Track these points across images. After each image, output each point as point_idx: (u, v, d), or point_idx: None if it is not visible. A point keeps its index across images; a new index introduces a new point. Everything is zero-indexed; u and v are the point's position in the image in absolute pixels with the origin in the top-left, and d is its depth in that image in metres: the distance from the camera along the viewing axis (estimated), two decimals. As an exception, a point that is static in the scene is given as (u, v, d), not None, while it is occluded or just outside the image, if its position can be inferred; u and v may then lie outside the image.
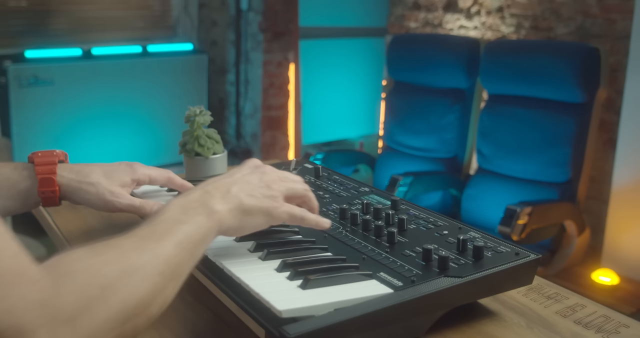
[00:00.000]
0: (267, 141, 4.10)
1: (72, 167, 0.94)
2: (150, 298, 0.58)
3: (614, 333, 0.76)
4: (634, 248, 2.71)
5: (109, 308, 0.53)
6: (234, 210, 0.71)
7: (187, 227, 0.65)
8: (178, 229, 0.64)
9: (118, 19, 3.85)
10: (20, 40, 3.50)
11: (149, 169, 0.99)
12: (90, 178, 0.93)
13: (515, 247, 0.79)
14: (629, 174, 2.70)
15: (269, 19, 3.93)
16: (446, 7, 3.51)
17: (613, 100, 2.81)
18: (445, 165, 2.94)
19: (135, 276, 0.57)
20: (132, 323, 0.55)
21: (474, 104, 2.88)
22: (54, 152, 0.94)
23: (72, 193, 0.92)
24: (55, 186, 0.91)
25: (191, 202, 0.69)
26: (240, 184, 0.75)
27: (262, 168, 0.80)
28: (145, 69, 3.73)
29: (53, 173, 0.91)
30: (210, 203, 0.70)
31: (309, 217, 0.78)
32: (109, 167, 0.96)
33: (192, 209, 0.68)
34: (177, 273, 0.62)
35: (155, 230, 0.63)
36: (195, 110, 1.21)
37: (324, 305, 0.65)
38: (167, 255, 0.61)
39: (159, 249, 0.61)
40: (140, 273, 0.57)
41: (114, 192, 0.92)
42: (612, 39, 2.83)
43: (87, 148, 3.48)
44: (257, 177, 0.77)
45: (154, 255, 0.60)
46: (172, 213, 0.67)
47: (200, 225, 0.67)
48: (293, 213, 0.76)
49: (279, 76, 4.05)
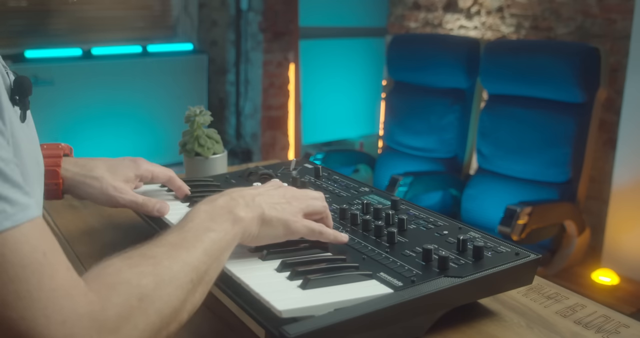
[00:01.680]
0: (267, 141, 4.10)
1: (76, 161, 0.94)
2: (182, 305, 0.60)
3: (614, 333, 0.76)
4: (634, 248, 2.71)
5: (148, 318, 0.56)
6: (256, 218, 0.74)
7: (214, 234, 0.68)
8: (207, 236, 0.67)
9: (118, 19, 3.85)
10: (20, 40, 3.50)
11: (153, 165, 0.99)
12: (94, 173, 0.93)
13: (515, 247, 0.79)
14: (629, 174, 2.70)
15: (269, 19, 3.93)
16: (446, 7, 3.51)
17: (613, 100, 2.81)
18: (445, 165, 2.94)
19: (170, 286, 0.59)
20: (166, 331, 0.59)
21: (474, 104, 2.88)
22: (60, 145, 0.95)
23: (76, 187, 0.93)
24: (59, 179, 0.91)
25: (218, 208, 0.72)
26: (264, 196, 0.78)
27: (285, 188, 0.83)
28: (145, 69, 3.73)
29: (57, 166, 0.91)
30: (235, 210, 0.72)
31: (327, 232, 0.80)
32: (113, 162, 0.96)
33: (219, 216, 0.71)
34: (206, 279, 0.65)
35: (185, 237, 0.66)
36: (195, 110, 1.21)
37: (324, 305, 0.65)
38: (197, 263, 0.63)
39: (190, 257, 0.63)
40: (174, 282, 0.60)
41: (117, 187, 0.92)
42: (612, 39, 2.83)
43: (87, 148, 3.48)
44: (279, 192, 0.80)
45: (185, 264, 0.62)
46: (201, 220, 0.69)
47: (226, 232, 0.70)
48: (312, 227, 0.79)
49: (279, 76, 4.05)
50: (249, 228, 0.73)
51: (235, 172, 1.15)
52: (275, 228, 0.76)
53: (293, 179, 1.07)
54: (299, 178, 1.07)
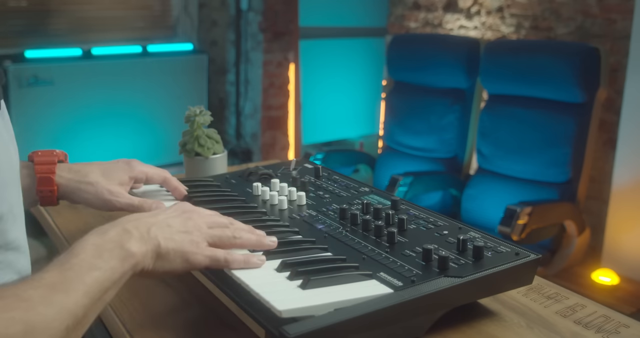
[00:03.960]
0: (267, 141, 4.10)
1: (70, 166, 0.94)
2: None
3: (614, 333, 0.76)
4: (634, 248, 2.71)
5: None
6: (151, 252, 0.69)
7: (99, 273, 0.62)
8: (90, 276, 0.61)
9: (118, 19, 3.85)
10: (20, 40, 3.50)
11: (147, 166, 0.99)
12: (88, 178, 0.93)
13: (515, 247, 0.79)
14: (629, 174, 2.70)
15: (269, 19, 3.93)
16: (446, 7, 3.51)
17: (613, 100, 2.81)
18: (445, 165, 2.94)
19: (41, 335, 0.54)
20: None
21: (474, 104, 2.88)
22: (54, 151, 0.94)
23: (71, 193, 0.93)
24: (53, 185, 0.91)
25: (108, 242, 0.66)
26: (162, 226, 0.72)
27: (190, 213, 0.77)
28: (145, 69, 3.73)
29: (52, 172, 0.91)
30: (127, 244, 0.66)
31: (234, 260, 0.73)
32: (107, 165, 0.96)
33: (108, 251, 0.65)
34: (83, 323, 0.60)
35: (66, 277, 0.60)
36: (195, 110, 1.21)
37: (324, 305, 0.65)
38: (75, 308, 0.58)
39: (68, 302, 0.58)
40: (47, 331, 0.55)
41: (112, 191, 0.92)
42: (612, 39, 2.83)
43: (87, 148, 3.48)
44: (180, 220, 0.74)
45: (62, 309, 0.57)
46: (87, 256, 0.63)
47: (114, 271, 0.64)
48: (216, 256, 0.73)
49: (279, 76, 4.05)
50: (141, 263, 0.67)
51: (235, 172, 1.15)
52: (172, 262, 0.70)
53: (293, 179, 1.07)
54: (299, 178, 1.07)
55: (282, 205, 0.98)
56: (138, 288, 0.85)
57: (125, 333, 0.76)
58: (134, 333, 0.75)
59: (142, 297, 0.84)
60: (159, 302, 0.83)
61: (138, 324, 0.78)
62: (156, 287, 0.87)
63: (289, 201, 1.00)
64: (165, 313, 0.80)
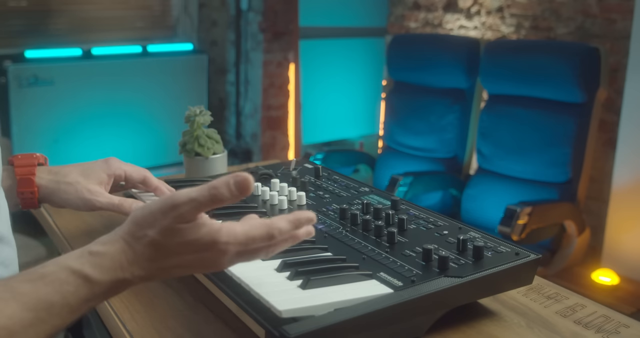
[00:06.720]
0: (267, 141, 4.10)
1: (50, 169, 0.95)
2: None
3: (614, 333, 0.76)
4: (634, 248, 2.71)
5: None
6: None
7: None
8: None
9: (118, 19, 3.85)
10: (20, 40, 3.50)
11: (125, 164, 0.99)
12: (68, 178, 0.93)
13: (515, 247, 0.79)
14: (629, 174, 2.70)
15: (269, 19, 3.93)
16: (446, 7, 3.51)
17: (613, 100, 2.81)
18: (445, 165, 2.94)
19: None
20: None
21: (474, 104, 2.88)
22: (34, 155, 0.95)
23: (52, 194, 0.93)
24: (34, 187, 0.91)
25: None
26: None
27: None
28: (145, 69, 3.73)
29: (32, 174, 0.91)
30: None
31: None
32: (85, 165, 0.96)
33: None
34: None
35: None
36: (195, 110, 1.21)
37: (324, 305, 0.65)
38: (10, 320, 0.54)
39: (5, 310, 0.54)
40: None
41: (92, 190, 0.92)
42: (612, 39, 2.83)
43: (87, 148, 3.48)
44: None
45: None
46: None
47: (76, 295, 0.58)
48: None
49: (279, 76, 4.05)
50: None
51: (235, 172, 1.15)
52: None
53: (293, 179, 1.07)
54: (299, 179, 1.07)
55: (282, 205, 0.98)
56: (138, 289, 0.85)
57: (125, 334, 0.76)
58: (134, 334, 0.75)
59: (143, 297, 0.84)
60: (159, 302, 0.83)
61: (138, 324, 0.78)
62: (157, 287, 0.87)
63: (289, 201, 1.00)
64: (166, 313, 0.80)
